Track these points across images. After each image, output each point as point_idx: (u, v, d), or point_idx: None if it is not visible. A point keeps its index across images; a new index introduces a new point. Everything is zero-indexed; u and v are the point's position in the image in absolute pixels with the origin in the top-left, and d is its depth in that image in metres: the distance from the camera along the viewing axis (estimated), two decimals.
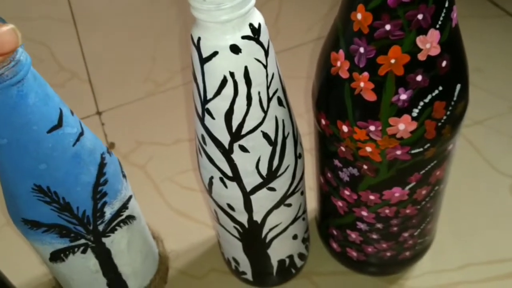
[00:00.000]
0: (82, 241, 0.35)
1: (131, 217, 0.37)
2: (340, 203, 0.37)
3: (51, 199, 0.32)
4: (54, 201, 0.32)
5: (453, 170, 0.37)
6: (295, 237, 0.40)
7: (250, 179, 0.33)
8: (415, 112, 0.29)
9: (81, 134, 0.31)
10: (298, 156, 0.35)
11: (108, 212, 0.34)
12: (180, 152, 0.57)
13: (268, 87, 0.30)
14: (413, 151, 0.31)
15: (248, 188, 0.34)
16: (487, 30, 0.66)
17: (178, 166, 0.55)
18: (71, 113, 0.31)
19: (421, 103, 0.29)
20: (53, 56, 0.72)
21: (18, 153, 0.29)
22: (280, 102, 0.31)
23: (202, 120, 0.32)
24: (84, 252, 0.35)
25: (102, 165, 0.33)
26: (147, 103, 0.63)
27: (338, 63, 0.30)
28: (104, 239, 0.35)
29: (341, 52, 0.30)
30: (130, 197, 0.37)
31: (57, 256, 0.35)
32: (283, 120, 0.32)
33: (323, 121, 0.33)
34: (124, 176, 0.36)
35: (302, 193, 0.38)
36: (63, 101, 0.31)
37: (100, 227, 0.35)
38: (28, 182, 0.30)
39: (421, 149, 0.31)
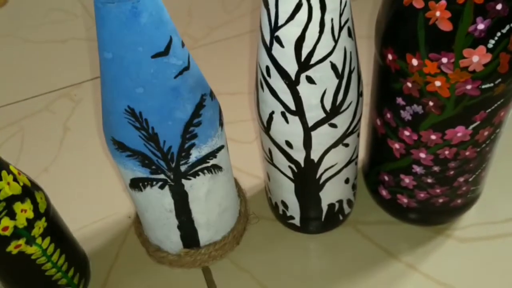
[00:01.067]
0: (162, 176, 0.34)
1: (217, 167, 0.36)
2: (397, 145, 0.37)
3: (141, 126, 0.31)
4: (143, 128, 0.31)
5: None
6: (347, 181, 0.40)
7: (313, 114, 0.33)
8: (491, 43, 0.29)
9: (186, 68, 0.31)
10: (360, 94, 0.35)
11: (194, 155, 0.34)
12: (221, 105, 0.56)
13: (340, 15, 0.30)
14: (483, 86, 0.31)
15: (310, 123, 0.33)
16: None
17: None
18: (182, 45, 0.30)
19: (498, 34, 0.29)
20: (87, 11, 0.71)
21: (120, 71, 0.29)
22: (349, 33, 0.31)
23: (269, 49, 0.31)
24: (161, 187, 0.35)
25: (200, 105, 0.32)
26: None
27: None
28: (184, 181, 0.35)
29: None
30: (222, 147, 0.36)
31: (136, 184, 0.35)
32: (350, 53, 0.32)
33: (389, 56, 0.33)
34: (221, 124, 0.36)
35: (358, 134, 0.38)
36: (176, 30, 0.30)
37: (183, 168, 0.34)
38: (123, 102, 0.30)
39: (492, 85, 0.31)
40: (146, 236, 0.42)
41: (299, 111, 0.33)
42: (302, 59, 0.30)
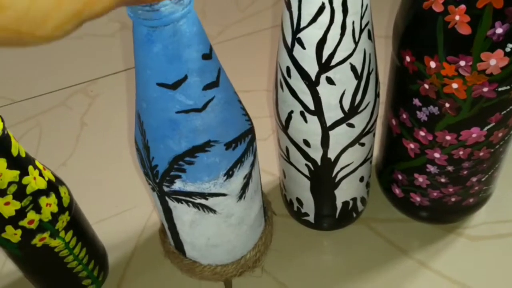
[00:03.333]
0: (151, 182, 0.35)
1: (206, 208, 0.35)
2: (412, 145, 0.38)
3: (141, 131, 0.32)
4: (142, 134, 0.32)
5: None
6: (361, 179, 0.40)
7: (332, 114, 0.34)
8: (508, 47, 0.30)
9: (197, 110, 0.30)
10: (377, 95, 0.35)
11: (178, 185, 0.34)
12: None
13: (361, 18, 0.30)
14: (500, 89, 0.31)
15: (328, 123, 0.34)
16: None
17: None
18: (202, 89, 0.30)
19: None
20: None
21: (137, 75, 0.30)
22: (369, 36, 0.32)
23: (290, 50, 0.32)
24: (153, 190, 0.36)
25: (199, 149, 0.32)
26: None
27: None
28: (167, 199, 0.35)
29: None
30: (217, 194, 0.35)
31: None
32: (370, 55, 0.32)
33: (407, 58, 0.33)
34: (228, 176, 0.34)
35: (374, 134, 0.38)
36: (203, 71, 0.29)
37: (165, 188, 0.34)
38: (139, 102, 0.31)
39: (508, 87, 0.31)
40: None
41: (318, 111, 0.34)
42: (323, 60, 0.31)
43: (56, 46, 0.68)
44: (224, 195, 0.35)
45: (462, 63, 0.31)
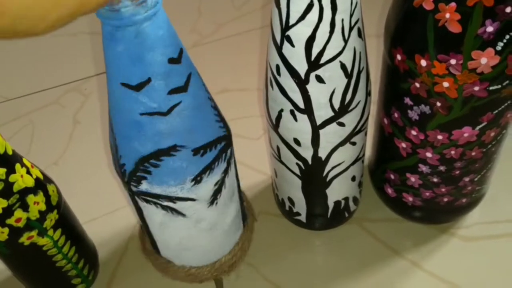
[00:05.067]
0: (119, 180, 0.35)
1: (175, 211, 0.35)
2: (403, 145, 0.37)
3: (111, 128, 0.32)
4: (112, 131, 0.32)
5: None
6: (353, 178, 0.40)
7: (322, 112, 0.33)
8: (499, 45, 0.29)
9: (160, 114, 0.30)
10: (368, 93, 0.35)
11: (145, 186, 0.33)
12: (227, 102, 0.57)
13: (351, 16, 0.30)
14: (491, 88, 0.31)
15: (318, 122, 0.34)
16: None
17: (227, 114, 0.56)
18: (166, 93, 0.29)
19: (507, 37, 0.29)
20: None
21: (106, 75, 0.30)
22: (359, 33, 0.31)
23: (279, 48, 0.32)
24: (124, 188, 0.35)
25: (164, 152, 0.31)
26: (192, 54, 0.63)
27: None
28: (137, 198, 0.35)
29: None
30: (185, 199, 0.34)
31: None
32: (360, 53, 0.32)
33: (398, 57, 0.33)
34: (196, 181, 0.33)
35: (366, 133, 0.38)
36: (166, 76, 0.29)
37: (133, 188, 0.34)
38: (108, 101, 0.31)
39: (499, 86, 0.31)
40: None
41: (308, 110, 0.33)
42: (312, 58, 0.31)
43: (49, 44, 0.68)
44: (192, 199, 0.34)
45: (453, 61, 0.30)
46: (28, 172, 0.35)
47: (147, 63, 0.28)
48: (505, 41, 0.29)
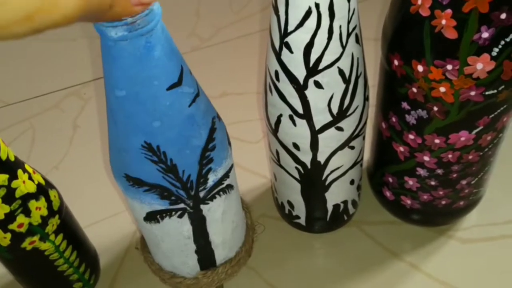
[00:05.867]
0: (181, 205, 0.34)
1: (230, 187, 0.36)
2: (401, 149, 0.38)
3: (159, 159, 0.31)
4: (161, 161, 0.31)
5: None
6: (352, 182, 0.41)
7: (320, 117, 0.34)
8: (495, 51, 0.30)
9: (197, 95, 0.31)
10: (366, 98, 0.35)
11: (211, 179, 0.34)
12: (226, 105, 0.57)
13: (349, 22, 0.30)
14: (487, 93, 0.32)
15: (317, 127, 0.34)
16: None
17: (227, 118, 0.56)
18: (190, 72, 0.30)
19: (502, 42, 0.29)
20: None
21: (135, 107, 0.28)
22: (357, 40, 0.32)
23: (278, 54, 0.32)
24: (180, 216, 0.35)
25: (212, 130, 0.32)
26: (192, 58, 0.63)
27: (419, 1, 0.30)
28: (202, 206, 0.35)
29: None
30: (232, 165, 0.36)
31: (152, 217, 0.35)
32: (357, 59, 0.33)
33: (395, 62, 0.34)
34: (229, 143, 0.35)
35: (364, 137, 0.39)
36: (183, 58, 0.29)
37: (201, 194, 0.34)
38: (139, 138, 0.30)
39: (495, 91, 0.32)
40: (159, 264, 0.42)
41: (307, 115, 0.34)
42: (311, 64, 0.31)
43: (49, 48, 0.68)
44: (233, 165, 0.36)
45: (449, 67, 0.31)
46: (30, 178, 0.35)
47: (176, 52, 0.28)
48: (500, 46, 0.29)
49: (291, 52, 0.31)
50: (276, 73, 0.33)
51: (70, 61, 0.66)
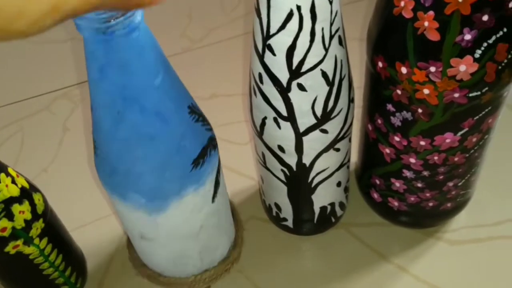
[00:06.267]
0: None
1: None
2: (387, 150, 0.38)
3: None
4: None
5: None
6: (338, 184, 0.40)
7: (304, 120, 0.34)
8: (477, 53, 0.30)
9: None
10: (351, 100, 0.35)
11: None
12: (217, 106, 0.57)
13: (331, 24, 0.30)
14: (471, 94, 0.31)
15: (302, 129, 0.34)
16: None
17: (216, 119, 0.56)
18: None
19: (485, 44, 0.29)
20: None
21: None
22: (340, 42, 0.32)
23: (261, 57, 0.32)
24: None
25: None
26: (183, 59, 0.63)
27: (402, 3, 0.30)
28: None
29: None
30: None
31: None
32: (341, 61, 0.32)
33: (380, 64, 0.33)
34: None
35: (350, 139, 0.38)
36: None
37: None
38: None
39: (479, 93, 0.31)
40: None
41: (291, 117, 0.34)
42: (293, 67, 0.31)
43: (40, 50, 0.68)
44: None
45: (432, 69, 0.31)
46: (14, 182, 0.35)
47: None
48: (483, 48, 0.29)
49: (274, 54, 0.31)
50: (260, 75, 0.33)
51: (61, 63, 0.65)
